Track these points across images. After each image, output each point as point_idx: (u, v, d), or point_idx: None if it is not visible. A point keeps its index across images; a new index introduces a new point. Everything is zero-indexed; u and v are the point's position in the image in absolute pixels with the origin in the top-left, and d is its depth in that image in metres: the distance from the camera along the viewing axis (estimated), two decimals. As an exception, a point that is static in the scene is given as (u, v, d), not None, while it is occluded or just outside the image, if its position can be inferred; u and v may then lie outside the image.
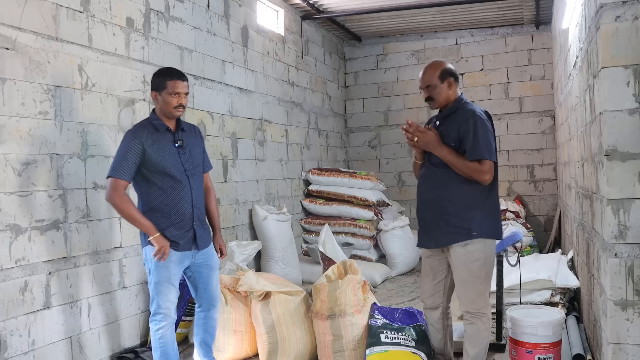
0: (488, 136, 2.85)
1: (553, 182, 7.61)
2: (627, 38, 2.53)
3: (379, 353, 3.22)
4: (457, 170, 2.85)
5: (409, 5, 6.67)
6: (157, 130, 3.01)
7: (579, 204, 4.00)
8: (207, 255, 3.19)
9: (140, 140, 2.93)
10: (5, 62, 3.05)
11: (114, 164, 2.92)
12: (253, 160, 5.84)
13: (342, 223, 6.74)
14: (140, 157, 2.92)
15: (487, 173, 2.82)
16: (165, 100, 2.97)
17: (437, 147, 2.89)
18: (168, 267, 2.98)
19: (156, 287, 2.99)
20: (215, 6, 5.18)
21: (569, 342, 3.55)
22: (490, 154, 2.83)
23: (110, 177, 2.90)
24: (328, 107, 7.95)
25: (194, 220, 3.07)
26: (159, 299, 2.99)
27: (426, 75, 2.98)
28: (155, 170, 2.96)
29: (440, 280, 3.09)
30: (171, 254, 2.98)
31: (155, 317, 3.02)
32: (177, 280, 3.05)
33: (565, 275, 4.38)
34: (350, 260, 3.83)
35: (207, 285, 3.22)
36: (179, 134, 3.08)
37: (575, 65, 3.95)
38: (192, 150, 3.12)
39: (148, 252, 2.98)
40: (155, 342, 3.03)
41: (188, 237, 3.04)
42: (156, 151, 2.96)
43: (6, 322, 3.01)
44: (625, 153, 2.55)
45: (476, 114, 2.87)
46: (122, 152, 2.92)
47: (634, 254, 2.55)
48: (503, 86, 7.84)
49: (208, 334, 3.30)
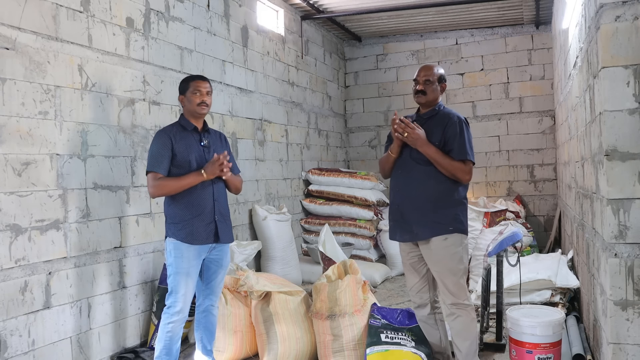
0: (471, 140, 3.10)
1: (553, 182, 7.61)
2: (627, 38, 2.53)
3: (379, 352, 3.22)
4: (441, 168, 3.01)
5: (409, 5, 6.67)
6: (184, 129, 3.19)
7: (578, 204, 4.00)
8: (222, 253, 3.26)
9: (169, 136, 3.12)
10: (5, 62, 3.05)
11: (151, 160, 3.08)
12: (253, 160, 5.84)
13: (342, 223, 6.74)
14: (171, 152, 3.09)
15: (468, 173, 3.03)
16: (189, 99, 3.17)
17: (425, 145, 3.02)
18: (186, 258, 3.08)
19: (175, 277, 3.06)
20: (215, 6, 5.18)
21: (569, 342, 3.55)
22: (473, 157, 3.07)
23: (149, 172, 3.06)
24: (328, 107, 7.95)
25: (215, 214, 3.17)
26: (176, 294, 3.06)
27: (428, 71, 3.14)
28: (180, 164, 3.10)
29: (423, 275, 3.19)
30: (190, 248, 3.08)
31: (169, 309, 3.07)
32: (195, 272, 3.14)
33: (565, 275, 4.38)
34: (350, 260, 3.83)
35: (210, 280, 3.27)
36: (205, 135, 3.25)
37: (575, 65, 3.95)
38: (217, 151, 3.24)
39: (169, 244, 3.10)
40: (162, 334, 3.07)
41: (210, 230, 3.15)
42: (183, 147, 3.13)
43: (6, 322, 3.02)
44: (625, 153, 2.55)
45: (461, 119, 3.10)
46: (156, 148, 3.10)
47: (634, 254, 2.55)
48: (503, 86, 7.84)
49: (208, 331, 3.33)
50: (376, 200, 6.83)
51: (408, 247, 3.18)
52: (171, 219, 3.11)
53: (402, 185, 3.14)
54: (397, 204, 3.17)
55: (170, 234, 3.10)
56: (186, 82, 3.21)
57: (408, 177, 3.11)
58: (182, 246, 3.06)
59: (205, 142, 3.21)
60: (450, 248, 3.02)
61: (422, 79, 3.12)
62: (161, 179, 3.04)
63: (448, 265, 3.02)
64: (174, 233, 3.08)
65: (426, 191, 3.04)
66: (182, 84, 3.23)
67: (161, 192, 3.09)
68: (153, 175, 3.05)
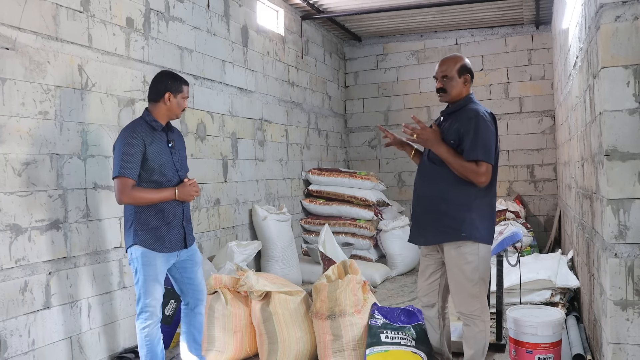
0: (488, 137, 2.80)
1: (553, 182, 7.61)
2: (627, 38, 2.53)
3: (379, 353, 3.22)
4: (453, 169, 2.82)
5: (409, 5, 6.67)
6: (153, 130, 3.05)
7: (579, 204, 4.00)
8: (191, 251, 3.24)
9: (141, 137, 2.96)
10: (5, 62, 3.05)
11: (120, 163, 2.89)
12: (253, 160, 5.84)
13: (342, 223, 6.74)
14: (142, 156, 2.94)
15: (482, 175, 2.78)
16: (178, 102, 3.10)
17: (435, 145, 2.85)
18: (155, 265, 3.01)
19: (143, 285, 3.00)
20: (215, 6, 5.18)
21: (569, 342, 3.55)
22: (488, 157, 2.78)
23: (118, 176, 2.89)
24: (328, 107, 7.95)
25: (183, 219, 3.14)
26: (145, 298, 3.01)
27: (445, 66, 2.93)
28: (151, 169, 2.98)
29: (434, 279, 3.09)
30: (158, 255, 3.02)
31: (141, 315, 3.04)
32: (162, 277, 3.09)
33: (565, 275, 4.38)
34: (350, 260, 3.83)
35: (192, 280, 3.26)
36: (170, 135, 3.15)
37: (575, 65, 3.95)
38: (180, 151, 3.21)
39: (134, 252, 3.01)
40: (141, 340, 3.06)
41: (179, 236, 3.10)
42: (154, 150, 3.00)
43: (6, 322, 3.01)
44: (625, 153, 2.55)
45: (479, 114, 2.82)
46: (126, 150, 2.91)
47: (634, 254, 2.55)
48: (503, 86, 7.84)
49: (195, 329, 3.33)
50: (376, 200, 6.83)
51: (427, 249, 3.08)
52: (139, 226, 2.98)
53: (419, 187, 3.03)
54: (415, 206, 3.06)
55: (138, 241, 2.97)
56: (180, 83, 3.11)
57: (424, 179, 2.99)
58: (149, 254, 2.98)
59: (171, 142, 3.12)
60: (465, 257, 2.84)
61: (440, 75, 2.92)
62: (135, 190, 2.90)
63: (460, 274, 2.88)
64: (142, 240, 2.97)
65: (439, 193, 2.88)
66: (175, 83, 3.10)
67: (132, 203, 2.96)
68: (123, 181, 2.88)
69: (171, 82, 3.10)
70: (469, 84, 2.95)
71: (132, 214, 3.01)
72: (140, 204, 2.96)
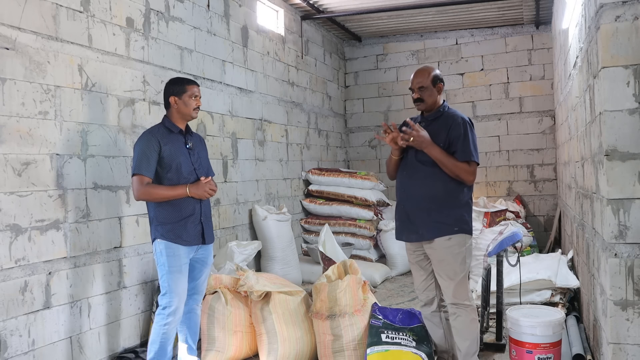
0: (476, 141, 3.10)
1: (553, 182, 7.61)
2: (627, 38, 2.53)
3: (379, 352, 3.22)
4: (446, 169, 3.02)
5: (409, 5, 6.67)
6: (170, 132, 3.23)
7: (579, 204, 4.00)
8: (207, 252, 3.33)
9: (156, 138, 3.14)
10: (5, 62, 3.05)
11: (137, 162, 3.09)
12: (253, 160, 5.84)
13: (342, 223, 6.74)
14: (157, 155, 3.11)
15: (472, 174, 3.04)
16: (186, 103, 3.22)
17: (430, 146, 3.03)
18: (179, 255, 3.13)
19: (169, 276, 3.09)
20: (215, 6, 5.18)
21: (569, 342, 3.55)
22: (478, 158, 3.08)
23: (135, 174, 3.08)
24: (328, 107, 7.95)
25: (201, 215, 3.22)
26: (170, 293, 3.09)
27: (420, 77, 3.16)
28: (168, 167, 3.14)
29: (430, 272, 3.21)
30: (180, 247, 3.12)
31: (164, 310, 3.09)
32: (186, 270, 3.19)
33: (565, 275, 4.38)
34: (350, 260, 3.83)
35: (195, 279, 3.31)
36: (189, 137, 3.31)
37: (575, 65, 3.95)
38: (200, 154, 3.35)
39: (157, 246, 3.13)
40: (156, 335, 3.08)
41: (197, 231, 3.21)
42: (170, 149, 3.16)
43: (6, 322, 3.02)
44: (625, 153, 2.55)
45: (466, 120, 3.09)
46: (142, 150, 3.10)
47: (634, 254, 2.55)
48: (503, 86, 7.84)
49: (191, 330, 3.37)
50: (376, 200, 6.83)
51: (414, 246, 3.20)
52: (158, 221, 3.14)
53: (408, 186, 3.15)
54: (402, 204, 3.19)
55: (158, 235, 3.13)
56: (181, 84, 3.23)
57: (413, 178, 3.13)
58: (172, 246, 3.11)
59: (189, 144, 3.27)
60: (454, 248, 3.04)
61: (416, 87, 3.14)
62: (149, 186, 3.07)
63: (450, 265, 3.04)
64: (162, 234, 3.12)
65: (431, 192, 3.06)
66: (176, 86, 3.24)
67: (147, 199, 3.13)
68: (140, 179, 3.07)
69: (173, 86, 3.26)
70: (442, 92, 3.20)
71: (153, 209, 3.17)
72: (155, 199, 3.12)
